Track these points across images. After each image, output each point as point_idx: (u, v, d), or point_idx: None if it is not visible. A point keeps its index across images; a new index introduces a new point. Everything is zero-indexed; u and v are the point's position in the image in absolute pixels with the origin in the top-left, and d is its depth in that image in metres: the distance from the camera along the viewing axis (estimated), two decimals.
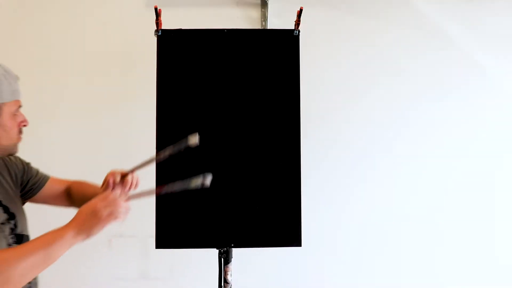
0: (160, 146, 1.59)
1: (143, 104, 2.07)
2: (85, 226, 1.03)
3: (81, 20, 2.24)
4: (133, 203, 2.18)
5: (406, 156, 2.27)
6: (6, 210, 1.23)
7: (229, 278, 1.63)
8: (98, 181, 2.19)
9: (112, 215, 1.04)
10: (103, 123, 2.24)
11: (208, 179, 1.23)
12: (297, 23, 1.65)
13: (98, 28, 2.24)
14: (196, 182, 1.25)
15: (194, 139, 1.29)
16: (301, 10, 1.62)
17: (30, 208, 1.44)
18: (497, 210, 2.29)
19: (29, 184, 1.42)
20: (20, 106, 1.25)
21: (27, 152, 2.19)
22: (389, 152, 2.26)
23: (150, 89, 1.66)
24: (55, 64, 2.24)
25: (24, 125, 1.27)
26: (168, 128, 1.60)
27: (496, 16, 2.28)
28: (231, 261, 1.63)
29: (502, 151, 2.29)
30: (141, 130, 2.14)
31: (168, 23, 1.67)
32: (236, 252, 1.68)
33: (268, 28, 2.21)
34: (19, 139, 1.27)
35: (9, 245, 1.18)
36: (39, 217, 1.89)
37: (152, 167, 1.58)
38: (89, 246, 2.23)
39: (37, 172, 1.49)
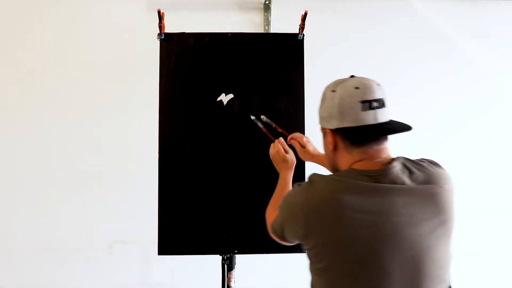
0: (162, 149, 1.58)
1: (146, 106, 2.06)
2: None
3: (81, 23, 2.23)
4: (134, 210, 2.18)
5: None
6: None
7: (232, 285, 1.61)
8: (99, 181, 2.20)
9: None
10: (105, 125, 2.22)
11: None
12: (302, 27, 1.63)
13: (100, 32, 2.23)
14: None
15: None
16: (305, 14, 1.61)
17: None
18: (498, 211, 2.28)
19: None
20: None
21: (30, 152, 2.19)
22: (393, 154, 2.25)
23: (152, 92, 1.65)
24: (57, 67, 2.22)
25: None
26: (170, 130, 1.59)
27: (498, 18, 2.29)
28: (234, 267, 1.61)
29: (503, 151, 2.29)
30: (143, 132, 2.13)
31: (170, 27, 1.65)
32: (240, 259, 1.66)
33: (271, 32, 2.20)
34: None
35: None
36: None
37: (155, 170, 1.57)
38: (90, 252, 2.22)
39: None
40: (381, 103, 1.06)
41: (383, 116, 1.06)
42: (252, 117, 1.60)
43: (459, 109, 2.30)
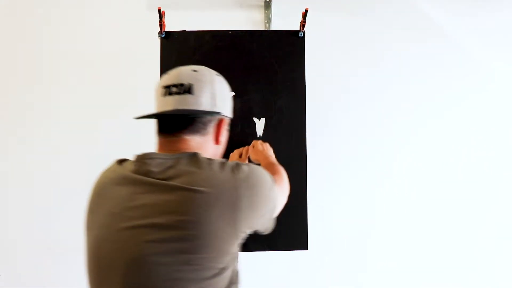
0: None
1: (146, 105, 2.06)
2: None
3: (80, 22, 2.23)
4: None
5: (416, 158, 2.24)
6: None
7: None
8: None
9: None
10: (105, 124, 2.22)
11: None
12: (303, 24, 1.63)
13: (99, 30, 2.22)
14: None
15: None
16: (306, 11, 1.61)
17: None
18: (501, 212, 2.28)
19: None
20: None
21: (30, 152, 2.20)
22: (397, 154, 2.24)
23: (153, 91, 1.65)
24: (55, 66, 2.22)
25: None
26: None
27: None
28: None
29: (505, 152, 2.28)
30: (143, 132, 2.12)
31: (169, 26, 1.65)
32: (241, 256, 1.66)
33: (271, 30, 2.19)
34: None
35: None
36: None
37: None
38: None
39: None
40: (183, 89, 0.95)
41: (182, 102, 0.95)
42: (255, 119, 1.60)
43: (461, 107, 2.29)
